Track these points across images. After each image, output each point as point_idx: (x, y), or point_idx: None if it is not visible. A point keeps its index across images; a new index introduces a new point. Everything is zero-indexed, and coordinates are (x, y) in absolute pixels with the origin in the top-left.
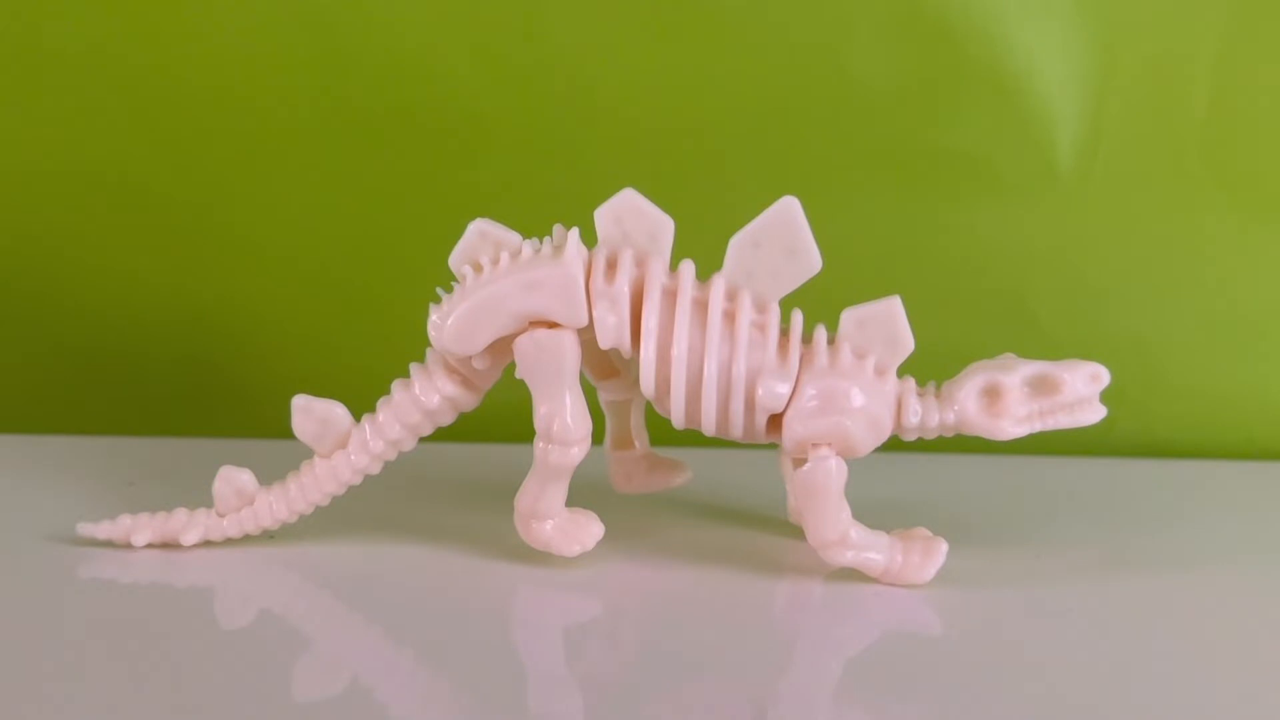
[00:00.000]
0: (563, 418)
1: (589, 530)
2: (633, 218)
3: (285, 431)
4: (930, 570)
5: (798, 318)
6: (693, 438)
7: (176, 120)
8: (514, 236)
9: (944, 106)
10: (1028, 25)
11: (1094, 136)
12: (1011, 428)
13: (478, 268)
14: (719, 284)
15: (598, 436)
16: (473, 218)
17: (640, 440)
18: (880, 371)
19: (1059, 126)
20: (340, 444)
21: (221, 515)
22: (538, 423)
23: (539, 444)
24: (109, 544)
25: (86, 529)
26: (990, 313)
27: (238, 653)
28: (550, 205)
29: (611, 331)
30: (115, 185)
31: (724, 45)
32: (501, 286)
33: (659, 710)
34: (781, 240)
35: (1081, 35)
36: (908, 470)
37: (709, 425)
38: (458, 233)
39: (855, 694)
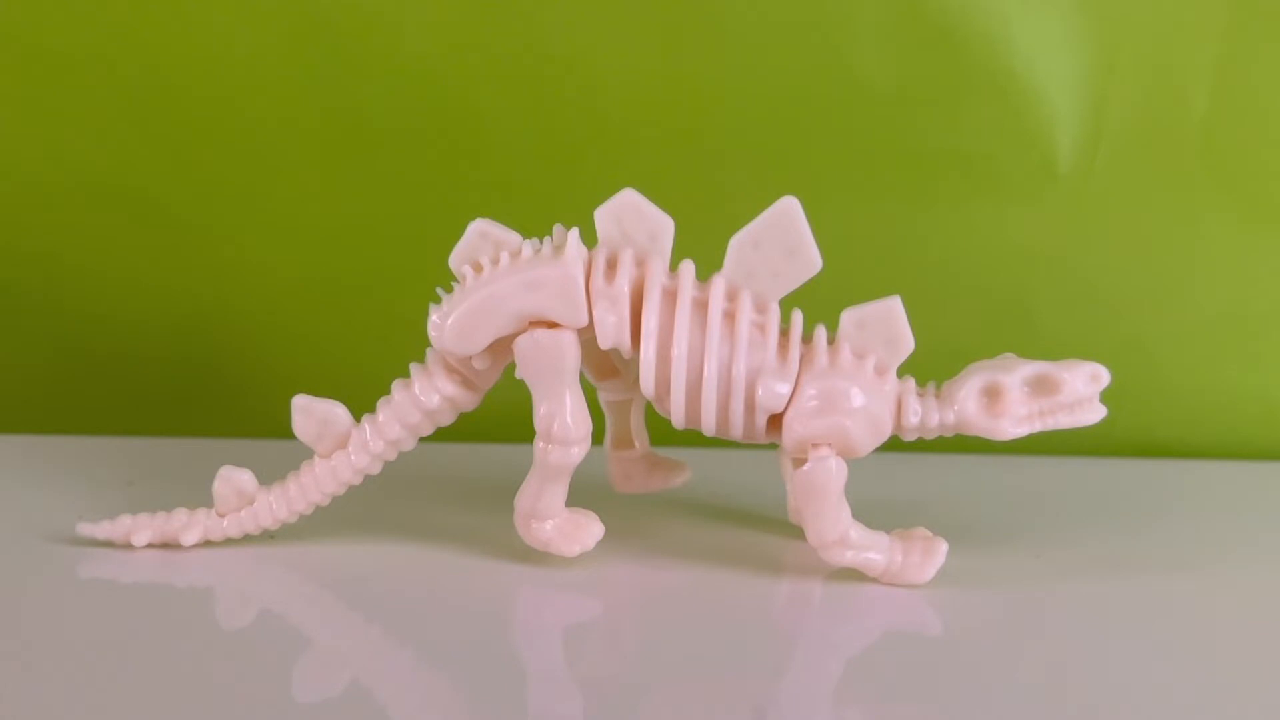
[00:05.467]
0: (563, 418)
1: (589, 530)
2: (633, 218)
3: (285, 431)
4: (930, 570)
5: (798, 318)
6: (693, 438)
7: (175, 122)
8: (514, 236)
9: (944, 106)
10: (1028, 25)
11: (1094, 136)
12: (1011, 428)
13: (478, 268)
14: (719, 284)
15: (598, 436)
16: (473, 218)
17: (640, 440)
18: (880, 371)
19: (1059, 126)
20: (340, 444)
21: (221, 515)
22: (538, 423)
23: (539, 444)
24: (109, 544)
25: (86, 529)
26: (990, 313)
27: (238, 653)
28: (550, 205)
29: (611, 331)
30: (115, 187)
31: (724, 45)
32: (501, 286)
33: (659, 710)
34: (781, 240)
35: (1082, 35)
36: (908, 470)
37: (709, 425)
38: (458, 233)
39: (855, 694)
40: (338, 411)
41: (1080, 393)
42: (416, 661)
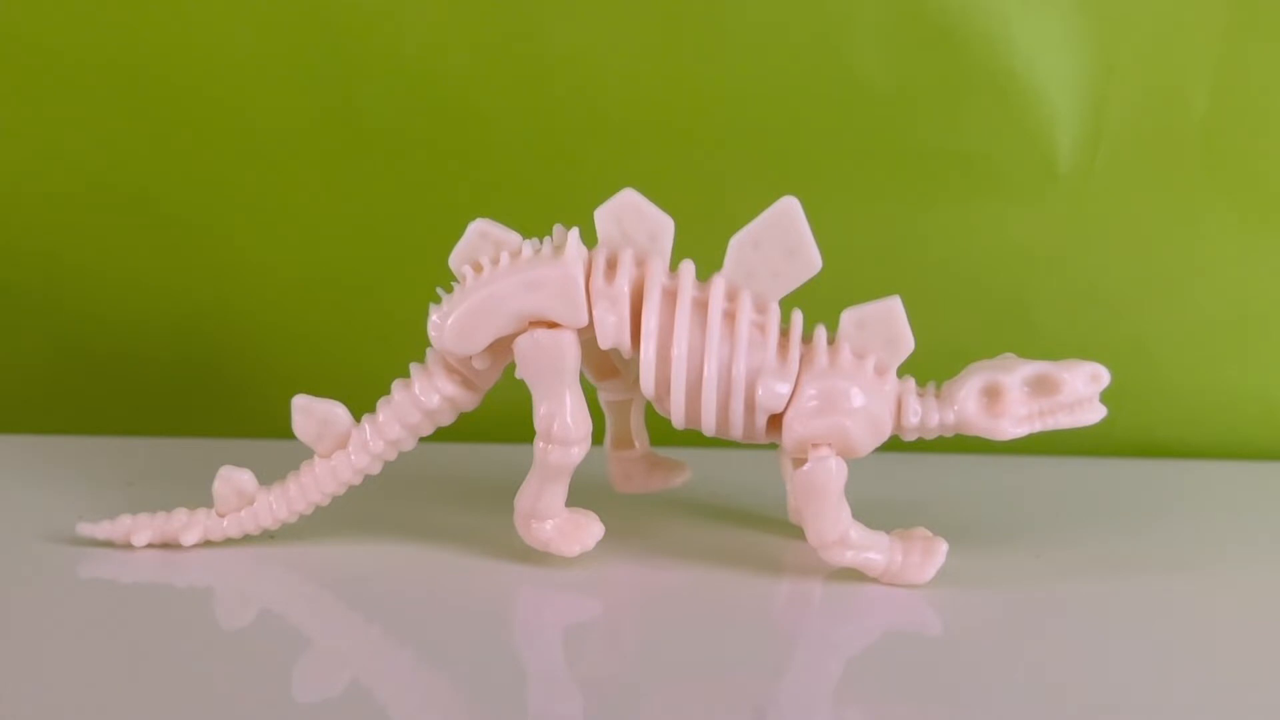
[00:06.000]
0: (563, 418)
1: (589, 530)
2: (633, 218)
3: (285, 431)
4: (930, 570)
5: (798, 318)
6: (693, 438)
7: (175, 122)
8: (514, 236)
9: (944, 106)
10: (1028, 25)
11: (1094, 136)
12: (1011, 428)
13: (478, 268)
14: (719, 284)
15: (598, 436)
16: (473, 218)
17: (640, 440)
18: (880, 371)
19: (1059, 126)
20: (340, 444)
21: (221, 515)
22: (538, 423)
23: (539, 444)
24: (109, 544)
25: (86, 529)
26: (990, 313)
27: (238, 653)
28: (550, 205)
29: (611, 331)
30: (115, 187)
31: (724, 45)
32: (501, 286)
33: (659, 710)
34: (781, 240)
35: (1081, 35)
36: (908, 470)
37: (709, 425)
38: (458, 233)
39: (855, 694)
40: (338, 411)
41: (1080, 393)
42: (416, 661)
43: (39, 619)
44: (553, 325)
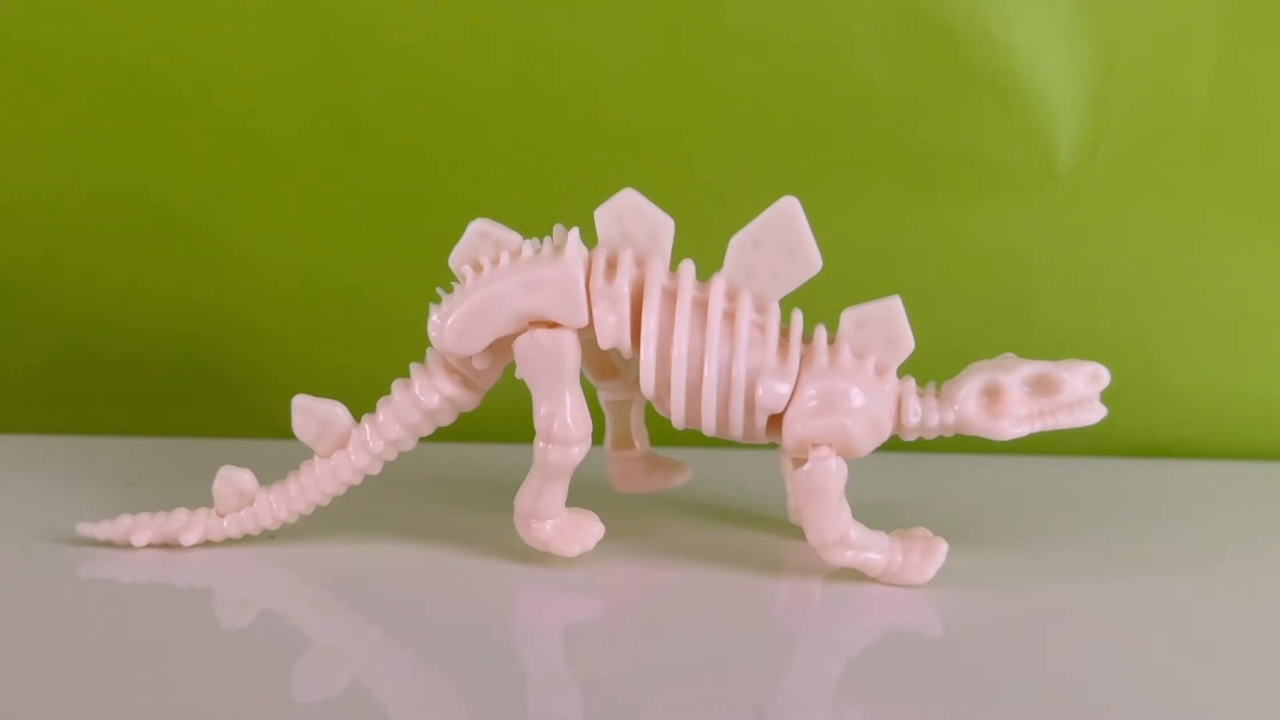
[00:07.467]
0: (563, 418)
1: (589, 530)
2: (633, 218)
3: (285, 431)
4: (930, 570)
5: (798, 318)
6: (693, 438)
7: (175, 123)
8: (514, 236)
9: (944, 106)
10: (1028, 25)
11: (1094, 136)
12: (1011, 428)
13: (478, 268)
14: (719, 284)
15: (598, 436)
16: (473, 218)
17: (640, 440)
18: (880, 371)
19: (1059, 126)
20: (340, 444)
21: (221, 515)
22: (538, 423)
23: (539, 444)
24: (109, 544)
25: (86, 529)
26: (990, 313)
27: (238, 653)
28: (550, 205)
29: (611, 331)
30: (115, 187)
31: (724, 46)
32: (502, 286)
33: (659, 710)
34: (781, 240)
35: (1082, 35)
36: (908, 470)
37: (709, 425)
38: (458, 233)
39: (855, 694)
40: (338, 411)
41: (1080, 393)
42: (416, 661)
43: (39, 619)
44: (553, 325)
